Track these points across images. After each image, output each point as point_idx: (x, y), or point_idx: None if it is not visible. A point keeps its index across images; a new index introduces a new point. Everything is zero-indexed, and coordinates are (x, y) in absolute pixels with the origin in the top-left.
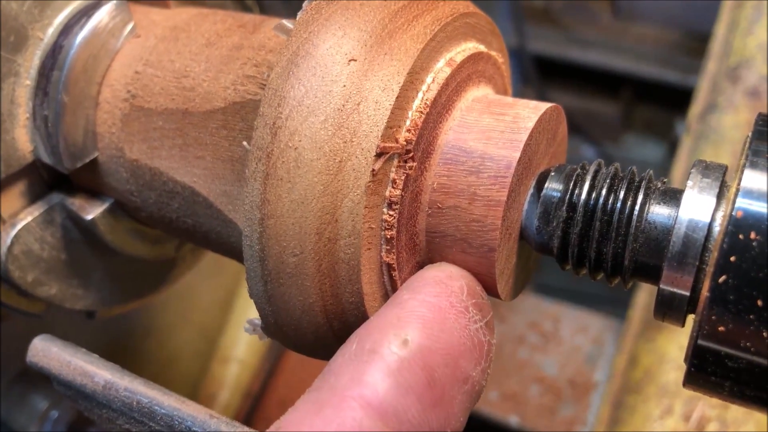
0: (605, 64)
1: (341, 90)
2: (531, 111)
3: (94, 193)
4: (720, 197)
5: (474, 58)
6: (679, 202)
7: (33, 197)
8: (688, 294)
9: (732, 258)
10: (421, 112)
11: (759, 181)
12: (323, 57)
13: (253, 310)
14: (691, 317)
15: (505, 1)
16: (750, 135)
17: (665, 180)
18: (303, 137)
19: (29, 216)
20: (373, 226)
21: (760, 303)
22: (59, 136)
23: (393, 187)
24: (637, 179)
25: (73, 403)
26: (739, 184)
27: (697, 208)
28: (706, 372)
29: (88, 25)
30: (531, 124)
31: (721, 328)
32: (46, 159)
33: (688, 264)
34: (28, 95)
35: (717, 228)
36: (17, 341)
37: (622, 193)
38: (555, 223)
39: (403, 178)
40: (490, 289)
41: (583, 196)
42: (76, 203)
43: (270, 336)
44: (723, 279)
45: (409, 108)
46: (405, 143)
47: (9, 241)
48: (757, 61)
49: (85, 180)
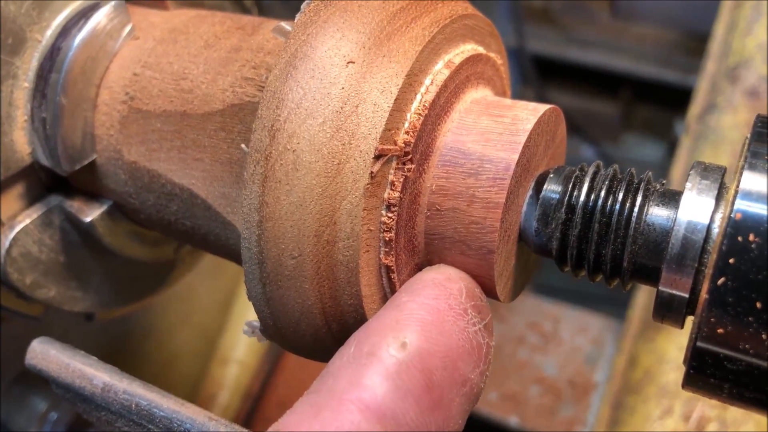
0: (604, 64)
1: (339, 92)
2: (530, 113)
3: (92, 196)
4: (719, 199)
5: (472, 59)
6: (678, 203)
7: (31, 199)
8: (687, 296)
9: (731, 260)
10: (420, 114)
11: (758, 183)
12: (321, 59)
13: (253, 311)
14: (690, 319)
15: (505, 1)
16: (749, 137)
17: (664, 182)
18: (301, 139)
19: (28, 218)
20: (372, 228)
21: (759, 305)
22: (57, 138)
23: (392, 190)
24: (636, 181)
25: (72, 406)
26: (738, 186)
27: (696, 209)
28: (705, 374)
29: (86, 27)
30: (529, 126)
31: (720, 330)
32: (44, 161)
33: (686, 266)
34: (26, 97)
35: (716, 230)
36: (16, 343)
37: (620, 195)
38: (554, 225)
39: (402, 180)
40: (489, 291)
41: (582, 197)
42: (74, 205)
43: (269, 338)
44: (722, 281)
45: (408, 110)
46: (403, 145)
47: (7, 244)
48: (756, 62)
49: (84, 182)
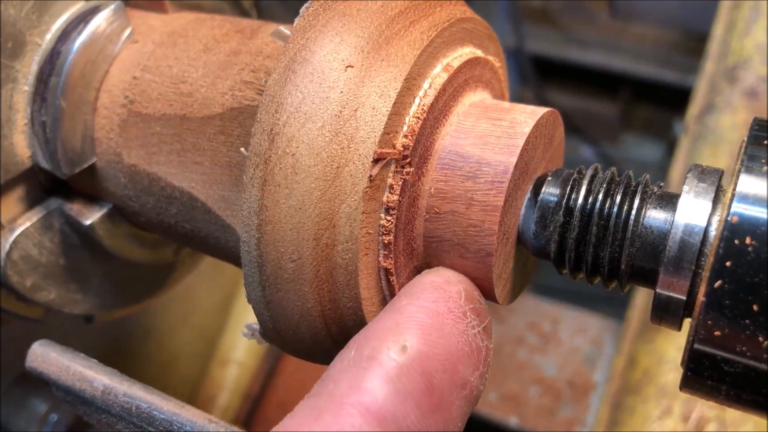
0: (604, 64)
1: (338, 96)
2: (528, 116)
3: (92, 198)
4: (716, 202)
5: (471, 63)
6: (676, 206)
7: (31, 202)
8: (684, 298)
9: (728, 263)
10: (418, 117)
11: (754, 186)
12: (320, 63)
13: (253, 312)
14: (688, 321)
15: (504, 1)
16: (745, 140)
17: (661, 184)
18: (300, 143)
19: (28, 221)
20: (371, 231)
21: (755, 308)
22: (57, 141)
23: (390, 193)
24: (634, 183)
25: (73, 408)
26: (735, 189)
27: (693, 212)
28: (702, 376)
29: (86, 31)
30: (528, 129)
31: (717, 332)
32: (44, 164)
33: (684, 268)
34: (26, 101)
35: (713, 233)
36: (16, 344)
37: (618, 198)
38: (552, 228)
39: (401, 183)
40: (487, 294)
41: (580, 200)
42: (74, 208)
43: (268, 341)
44: (719, 284)
45: (406, 114)
46: (402, 149)
47: (8, 247)
48: (755, 62)
49: (84, 185)
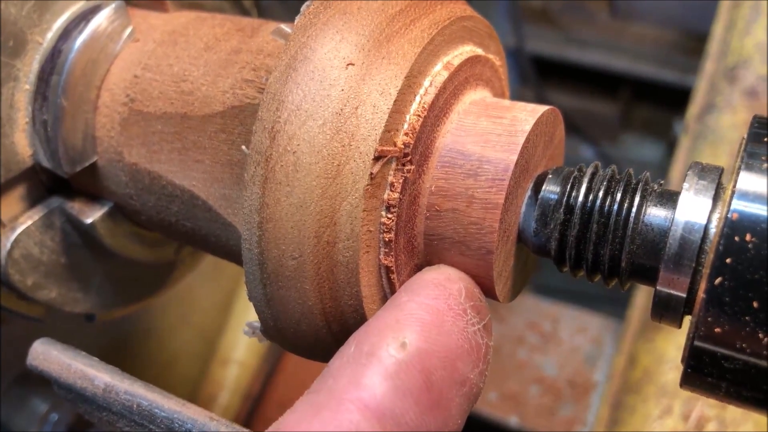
0: (603, 64)
1: (339, 94)
2: (528, 114)
3: (93, 197)
4: (716, 199)
5: (471, 61)
6: (676, 204)
7: (32, 201)
8: (684, 295)
9: (728, 260)
10: (419, 115)
11: (754, 184)
12: (321, 61)
13: (253, 311)
14: (688, 318)
15: (503, 1)
16: (745, 137)
17: (662, 182)
18: (301, 141)
19: (29, 220)
20: (372, 229)
21: (755, 305)
22: (58, 140)
23: (391, 191)
24: (634, 181)
25: (74, 407)
26: (735, 186)
27: (694, 210)
28: (702, 373)
29: (87, 30)
30: (528, 126)
31: (718, 329)
32: (45, 163)
33: (684, 266)
34: (27, 100)
35: (713, 230)
36: (17, 343)
37: (618, 196)
38: (552, 226)
39: (401, 181)
40: (488, 291)
41: (581, 198)
42: (75, 207)
43: (269, 339)
44: (719, 281)
45: (407, 111)
46: (403, 147)
47: (9, 245)
48: (755, 61)
49: (85, 184)
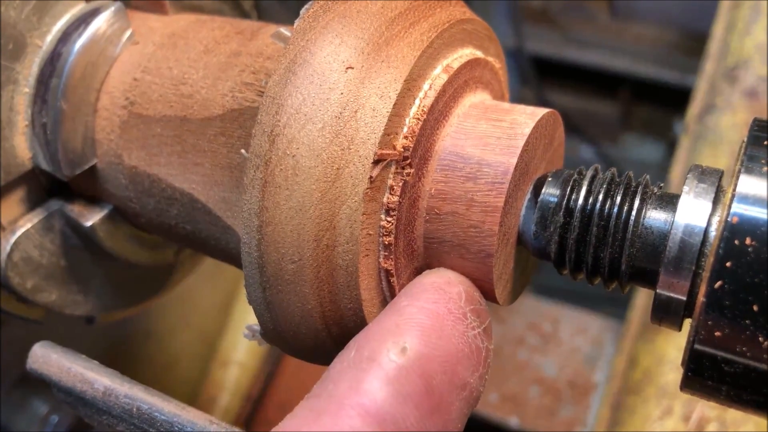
0: (603, 64)
1: (339, 98)
2: (528, 117)
3: (93, 200)
4: (716, 202)
5: (471, 64)
6: (676, 207)
7: (32, 204)
8: (684, 299)
9: (728, 263)
10: (419, 118)
11: (754, 187)
12: (321, 65)
13: (253, 313)
14: (688, 321)
15: (503, 2)
16: (745, 140)
17: (661, 185)
18: (301, 145)
19: (29, 223)
20: (371, 232)
21: (755, 308)
22: (58, 143)
23: (391, 194)
24: (634, 184)
25: (74, 410)
26: (735, 189)
27: (693, 213)
28: (702, 376)
29: (86, 33)
30: (528, 129)
31: (718, 333)
32: (45, 166)
33: (684, 269)
34: (26, 103)
35: (713, 233)
36: (17, 345)
37: (618, 198)
38: (552, 229)
39: (401, 184)
40: (487, 294)
41: (580, 201)
42: (75, 210)
43: (269, 342)
44: (719, 284)
45: (407, 115)
46: (402, 150)
47: (8, 248)
48: (755, 62)
49: (84, 186)
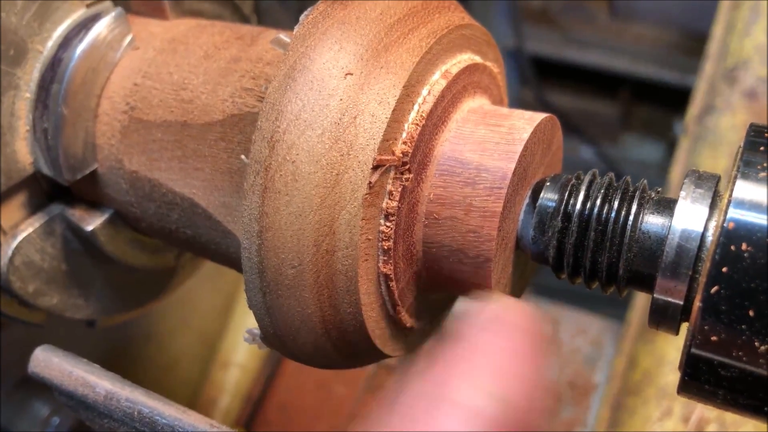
0: (603, 64)
1: (338, 104)
2: (526, 122)
3: (94, 204)
4: (713, 207)
5: (469, 69)
6: (673, 212)
7: (33, 209)
8: (681, 303)
9: (724, 269)
10: (417, 124)
11: (751, 192)
12: (320, 71)
13: (253, 315)
14: (685, 325)
15: (503, 2)
16: (742, 145)
17: (659, 189)
18: (300, 151)
19: (30, 227)
20: (371, 237)
21: (751, 313)
22: (59, 148)
23: (390, 199)
24: (631, 189)
25: (75, 413)
26: (731, 195)
27: (690, 218)
28: (699, 380)
29: (87, 38)
30: (526, 135)
31: (714, 337)
32: (46, 171)
33: (681, 274)
34: (28, 108)
35: (710, 238)
36: (18, 348)
37: (616, 203)
38: (550, 233)
39: (400, 189)
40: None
41: (578, 206)
42: (76, 214)
43: (269, 346)
44: (715, 290)
45: (405, 120)
46: (401, 155)
47: (10, 253)
48: (755, 63)
49: (85, 191)
